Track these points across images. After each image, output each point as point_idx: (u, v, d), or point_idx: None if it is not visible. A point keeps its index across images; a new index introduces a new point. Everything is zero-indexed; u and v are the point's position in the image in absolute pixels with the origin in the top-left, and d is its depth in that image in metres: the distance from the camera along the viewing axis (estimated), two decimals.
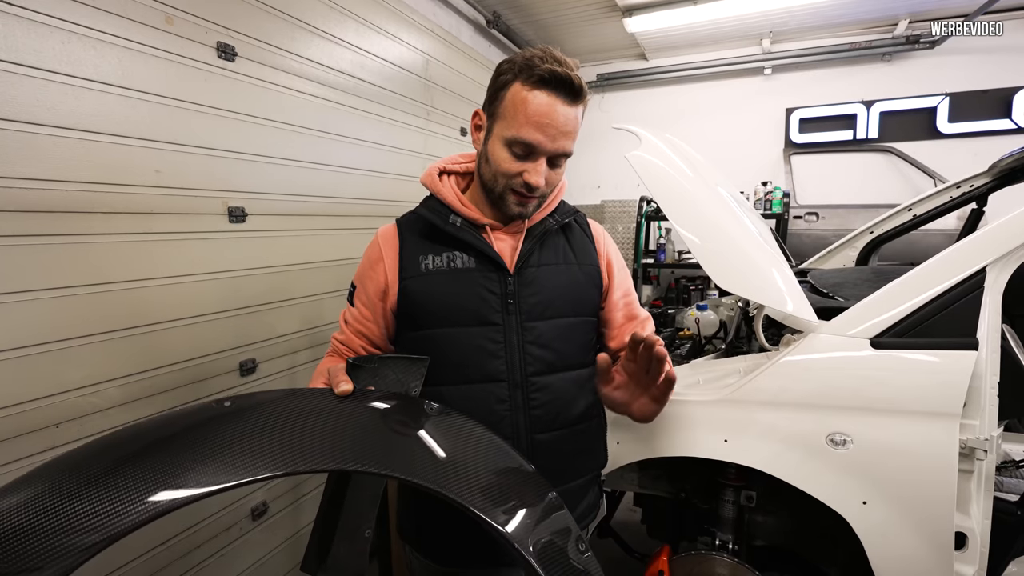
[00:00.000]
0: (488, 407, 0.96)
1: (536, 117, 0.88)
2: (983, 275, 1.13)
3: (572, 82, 0.88)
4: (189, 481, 0.55)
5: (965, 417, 1.11)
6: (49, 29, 1.24)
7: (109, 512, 0.50)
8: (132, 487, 0.53)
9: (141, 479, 0.54)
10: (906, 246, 2.56)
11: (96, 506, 0.50)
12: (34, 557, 0.46)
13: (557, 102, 0.89)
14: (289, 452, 0.62)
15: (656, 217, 4.09)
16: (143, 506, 0.52)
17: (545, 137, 0.89)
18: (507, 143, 0.91)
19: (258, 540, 1.87)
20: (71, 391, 1.31)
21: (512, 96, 0.90)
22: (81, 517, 0.49)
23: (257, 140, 1.79)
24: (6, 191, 1.18)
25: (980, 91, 3.76)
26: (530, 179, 0.92)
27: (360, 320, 1.05)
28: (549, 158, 0.93)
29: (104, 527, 0.49)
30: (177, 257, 1.55)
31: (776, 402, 1.24)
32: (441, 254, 1.00)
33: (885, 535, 1.13)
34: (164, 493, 0.53)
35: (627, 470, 1.58)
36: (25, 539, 0.47)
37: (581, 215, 1.14)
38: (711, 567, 1.39)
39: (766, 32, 4.08)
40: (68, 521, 0.49)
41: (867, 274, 1.89)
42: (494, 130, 0.94)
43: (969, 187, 2.15)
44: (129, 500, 0.52)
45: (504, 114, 0.92)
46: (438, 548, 1.04)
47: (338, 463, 0.64)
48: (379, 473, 0.65)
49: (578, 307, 1.05)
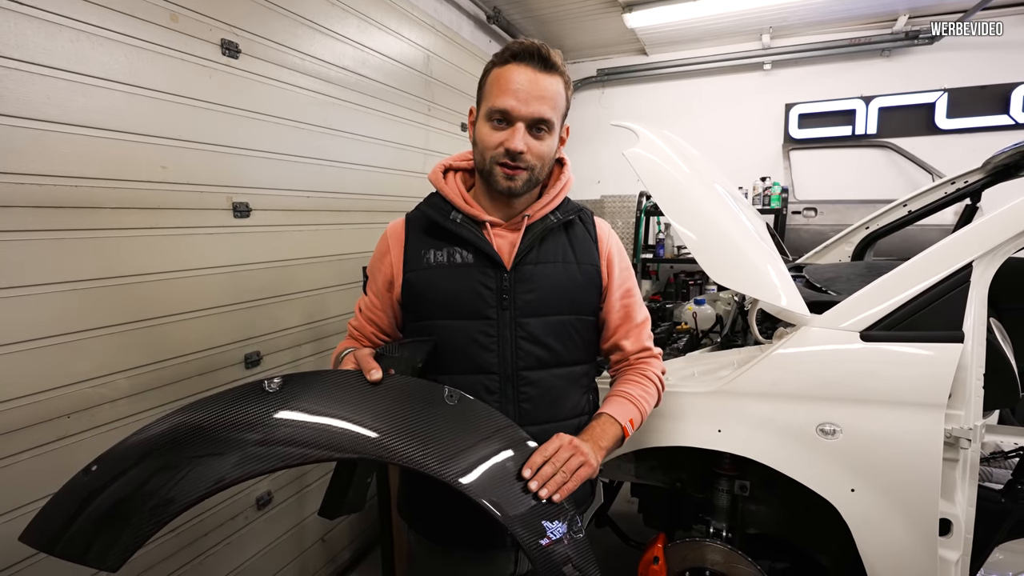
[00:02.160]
0: (478, 397, 0.99)
1: (508, 85, 0.94)
2: (969, 270, 1.16)
3: (539, 50, 0.94)
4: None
5: (951, 407, 1.14)
6: (58, 28, 1.26)
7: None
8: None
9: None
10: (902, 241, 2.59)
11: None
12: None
13: (528, 70, 0.94)
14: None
15: (655, 212, 4.11)
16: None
17: (518, 102, 0.93)
18: (487, 116, 0.97)
19: (263, 529, 1.91)
20: (81, 382, 1.35)
21: (490, 78, 0.98)
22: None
23: (261, 136, 1.81)
24: (18, 187, 1.21)
25: (978, 87, 3.77)
26: (510, 144, 0.94)
27: (371, 308, 1.11)
28: (529, 125, 0.96)
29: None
30: (183, 252, 1.58)
31: (769, 393, 1.27)
32: (443, 249, 1.03)
33: (872, 521, 1.17)
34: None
35: (624, 460, 1.62)
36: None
37: (587, 212, 1.14)
38: (705, 554, 1.43)
39: (766, 27, 4.08)
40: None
41: (861, 269, 1.92)
42: (479, 114, 1.01)
43: (964, 183, 2.18)
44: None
45: (485, 95, 0.99)
46: (431, 526, 1.09)
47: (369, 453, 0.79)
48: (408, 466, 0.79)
49: (574, 306, 1.07)
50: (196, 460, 0.72)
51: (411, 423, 0.84)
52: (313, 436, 0.77)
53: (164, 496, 0.69)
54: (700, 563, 1.43)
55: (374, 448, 0.79)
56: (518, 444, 0.91)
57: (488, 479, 0.83)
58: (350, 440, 0.79)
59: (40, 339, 1.26)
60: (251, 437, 0.75)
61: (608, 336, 1.14)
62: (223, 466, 0.72)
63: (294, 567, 2.07)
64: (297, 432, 0.77)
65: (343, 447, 0.78)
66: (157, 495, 0.69)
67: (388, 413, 0.84)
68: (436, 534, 1.08)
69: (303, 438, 0.77)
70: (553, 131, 0.99)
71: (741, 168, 4.20)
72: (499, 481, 0.84)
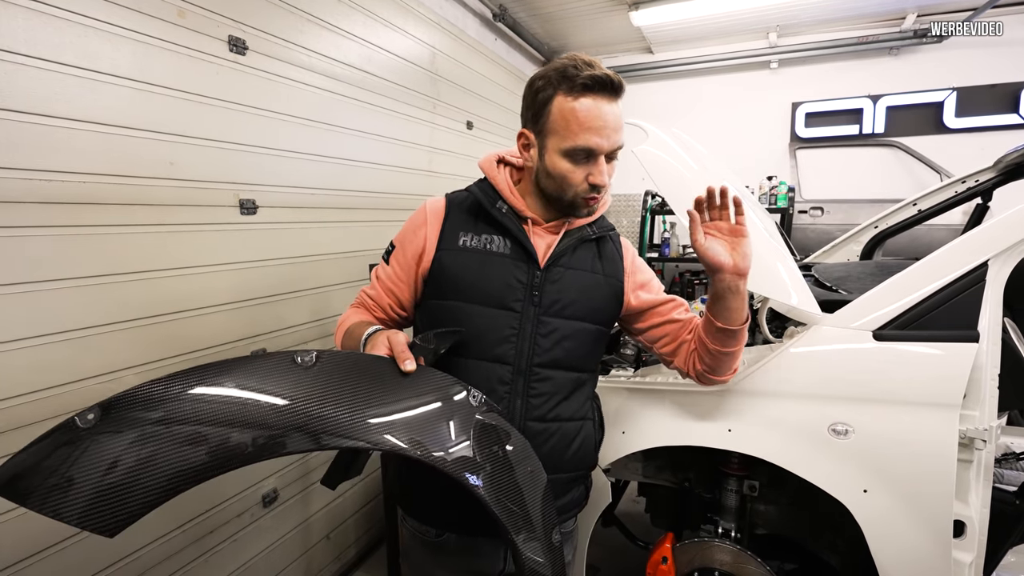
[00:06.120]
0: (490, 386, 1.00)
1: (588, 122, 0.92)
2: (985, 269, 1.15)
3: (612, 80, 0.93)
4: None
5: (965, 408, 1.13)
6: (67, 23, 1.26)
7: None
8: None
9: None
10: (910, 241, 2.57)
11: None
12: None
13: (603, 103, 0.93)
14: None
15: (661, 211, 4.10)
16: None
17: (601, 139, 0.93)
18: (566, 154, 0.95)
19: (269, 526, 1.91)
20: (89, 378, 1.35)
21: (558, 109, 0.94)
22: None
23: (267, 133, 1.81)
24: (27, 183, 1.21)
25: (988, 86, 3.74)
26: (596, 180, 0.96)
27: (393, 279, 1.10)
28: (607, 155, 0.97)
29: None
30: (190, 248, 1.58)
31: (779, 392, 1.26)
32: (480, 235, 1.04)
33: (885, 523, 1.16)
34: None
35: (631, 460, 1.61)
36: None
37: (615, 232, 1.18)
38: (714, 554, 1.42)
39: (772, 26, 4.06)
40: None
41: (870, 268, 1.91)
42: (548, 145, 0.97)
43: (974, 182, 2.15)
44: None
45: (555, 128, 0.95)
46: (421, 510, 1.10)
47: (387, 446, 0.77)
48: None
49: (595, 314, 1.08)
50: (227, 428, 0.67)
51: (434, 423, 0.83)
52: (351, 427, 0.74)
53: (186, 463, 0.64)
54: (709, 563, 1.42)
55: (408, 446, 0.78)
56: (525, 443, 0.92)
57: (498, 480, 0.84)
58: (380, 433, 0.77)
59: (49, 335, 1.26)
60: (286, 421, 0.71)
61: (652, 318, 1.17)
62: (247, 440, 0.67)
63: (300, 564, 2.07)
64: (332, 422, 0.73)
65: (379, 442, 0.76)
66: (178, 462, 0.63)
67: (418, 412, 0.83)
68: (428, 518, 1.09)
69: (340, 427, 0.74)
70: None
71: (747, 167, 4.18)
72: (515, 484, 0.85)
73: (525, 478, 0.89)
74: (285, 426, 0.71)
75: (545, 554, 0.87)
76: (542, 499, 0.90)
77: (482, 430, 0.87)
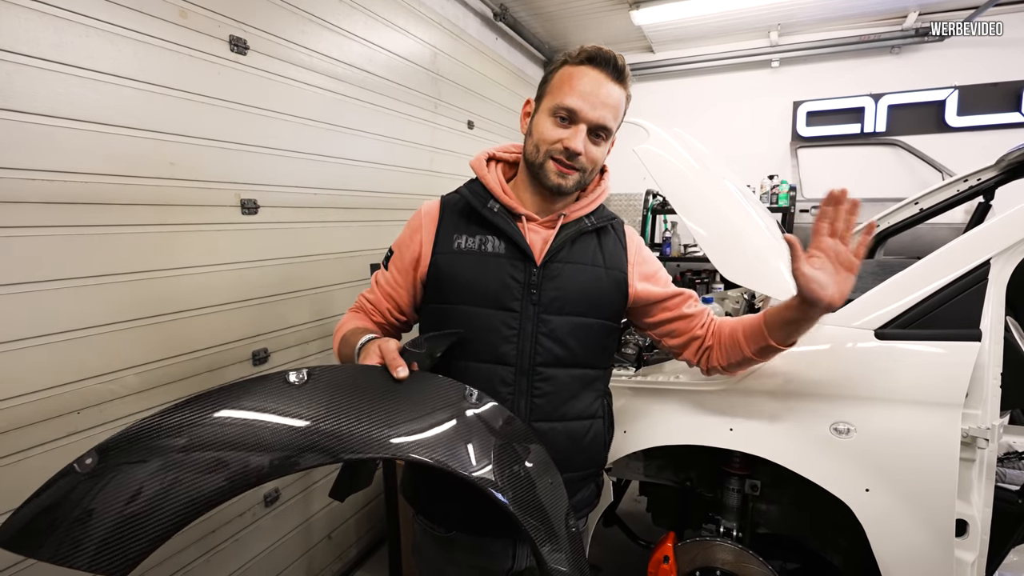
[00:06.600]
0: (492, 387, 0.99)
1: (579, 87, 0.95)
2: (987, 267, 1.14)
3: (616, 60, 0.96)
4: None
5: (967, 407, 1.12)
6: (68, 23, 1.26)
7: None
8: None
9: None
10: (912, 240, 2.56)
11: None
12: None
13: (601, 77, 0.95)
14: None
15: (662, 211, 4.09)
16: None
17: (586, 104, 0.95)
18: (551, 112, 0.97)
19: (271, 526, 1.91)
20: (91, 378, 1.35)
21: (560, 74, 0.98)
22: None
23: (268, 133, 1.81)
24: (28, 183, 1.21)
25: (990, 84, 3.73)
26: (569, 143, 0.96)
27: (392, 284, 1.10)
28: (589, 130, 0.97)
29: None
30: (192, 248, 1.58)
31: (781, 391, 1.26)
32: (475, 236, 1.03)
33: (887, 522, 1.16)
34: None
35: (633, 459, 1.61)
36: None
37: (619, 221, 1.15)
38: (716, 553, 1.42)
39: (774, 25, 4.05)
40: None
41: (872, 267, 1.90)
42: (541, 108, 1.01)
43: (976, 181, 2.15)
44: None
45: (551, 90, 0.99)
46: (433, 510, 1.09)
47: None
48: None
49: (597, 309, 1.06)
50: (231, 455, 0.67)
51: (439, 425, 0.82)
52: (348, 439, 0.74)
53: (187, 496, 0.64)
54: (710, 563, 1.41)
55: (412, 448, 0.78)
56: (529, 439, 0.91)
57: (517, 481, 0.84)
58: (379, 441, 0.76)
59: (50, 335, 1.26)
60: (288, 440, 0.71)
61: (663, 311, 1.14)
62: (256, 463, 0.67)
63: (301, 564, 2.08)
64: (330, 437, 0.73)
65: (380, 448, 0.76)
66: (179, 494, 0.64)
67: (415, 414, 0.82)
68: (439, 518, 1.09)
69: (339, 438, 0.73)
70: (608, 139, 1.02)
71: (749, 166, 4.17)
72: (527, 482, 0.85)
73: (545, 490, 0.88)
74: (297, 447, 0.71)
75: (570, 564, 0.86)
76: (565, 512, 0.90)
77: (479, 422, 0.86)
